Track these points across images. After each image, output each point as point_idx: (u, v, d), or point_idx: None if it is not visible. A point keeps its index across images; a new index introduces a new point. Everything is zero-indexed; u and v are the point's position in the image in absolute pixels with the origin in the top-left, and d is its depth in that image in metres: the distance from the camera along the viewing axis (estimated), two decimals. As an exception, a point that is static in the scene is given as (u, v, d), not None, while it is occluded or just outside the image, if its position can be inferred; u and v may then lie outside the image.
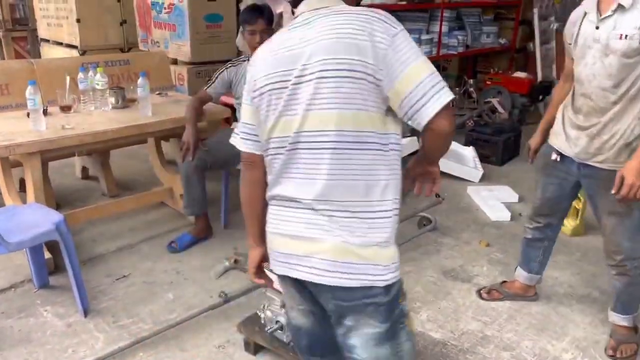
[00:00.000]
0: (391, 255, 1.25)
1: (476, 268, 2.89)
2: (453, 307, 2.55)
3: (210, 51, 4.60)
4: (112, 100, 3.10)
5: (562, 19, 6.04)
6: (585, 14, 1.94)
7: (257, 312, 2.17)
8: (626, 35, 1.79)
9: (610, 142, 1.94)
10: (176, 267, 2.86)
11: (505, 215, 3.47)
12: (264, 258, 1.48)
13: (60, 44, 5.08)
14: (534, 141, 2.36)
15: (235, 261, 2.85)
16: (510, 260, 2.96)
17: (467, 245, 3.13)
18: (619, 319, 2.25)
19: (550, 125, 2.24)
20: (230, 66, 3.03)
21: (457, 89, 5.80)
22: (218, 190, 3.35)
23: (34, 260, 2.57)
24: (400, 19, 4.60)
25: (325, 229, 1.23)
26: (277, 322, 2.04)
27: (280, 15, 3.91)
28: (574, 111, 2.05)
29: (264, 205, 1.39)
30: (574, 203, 3.27)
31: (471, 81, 5.88)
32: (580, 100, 1.99)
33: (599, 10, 1.88)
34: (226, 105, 3.45)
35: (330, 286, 1.24)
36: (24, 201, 3.07)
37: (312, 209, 1.24)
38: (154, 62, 4.04)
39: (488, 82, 5.43)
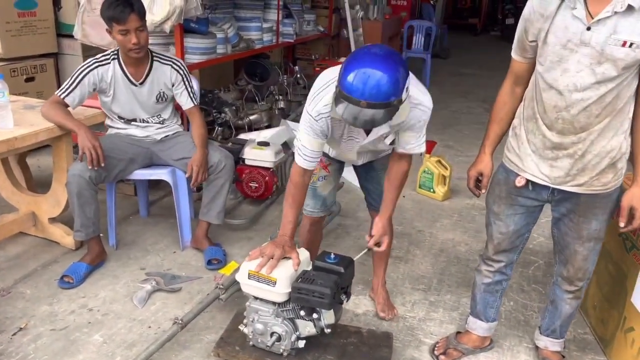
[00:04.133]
0: None
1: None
2: (390, 282, 2.69)
3: (25, 44, 3.89)
4: (-52, 112, 2.40)
5: (366, 7, 6.62)
6: (562, 3, 1.55)
7: (241, 328, 1.98)
8: (632, 44, 1.46)
9: (593, 162, 1.66)
10: (83, 303, 2.40)
11: (384, 191, 3.75)
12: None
13: None
14: (485, 167, 1.91)
15: (156, 282, 2.52)
16: (410, 230, 3.24)
17: (367, 223, 3.25)
18: (552, 344, 2.11)
19: (498, 143, 1.91)
20: (95, 66, 2.54)
21: (284, 76, 5.92)
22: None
23: None
24: (237, 7, 4.47)
25: None
26: (273, 333, 1.90)
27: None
28: (546, 126, 1.68)
29: None
30: (442, 171, 3.74)
31: (296, 68, 6.07)
32: (554, 113, 1.64)
33: (587, 5, 1.51)
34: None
35: None
36: None
37: None
38: (-39, 60, 3.23)
39: (317, 69, 5.67)
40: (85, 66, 2.54)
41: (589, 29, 1.51)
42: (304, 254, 1.98)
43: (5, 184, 2.89)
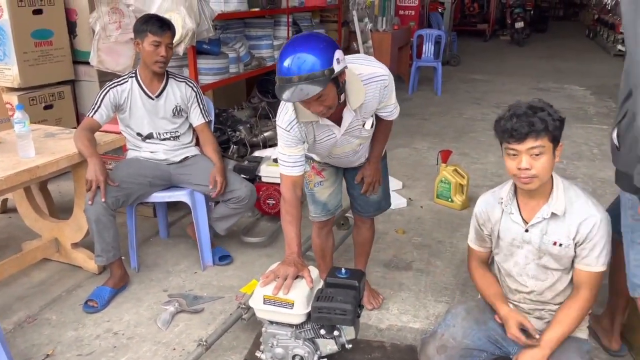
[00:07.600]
0: None
1: (408, 254, 3.08)
2: (413, 295, 2.68)
3: (43, 73, 3.96)
4: (-29, 143, 2.46)
5: (375, 19, 6.66)
6: (503, 210, 1.81)
7: (258, 354, 1.97)
8: (561, 244, 1.72)
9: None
10: (108, 327, 2.42)
11: (402, 202, 3.73)
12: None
13: None
14: (515, 316, 1.78)
15: (179, 303, 2.54)
16: (430, 242, 3.22)
17: (387, 236, 3.30)
18: None
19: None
20: (114, 86, 2.67)
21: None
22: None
23: None
24: (248, 26, 4.52)
25: None
26: (295, 356, 1.89)
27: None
28: (512, 297, 1.90)
29: None
30: (459, 180, 3.72)
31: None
32: (515, 294, 1.88)
33: (520, 210, 1.78)
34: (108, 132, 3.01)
35: None
36: None
37: None
38: (-19, 91, 3.31)
39: (328, 82, 5.71)
40: (106, 87, 2.69)
41: (527, 230, 1.77)
42: (314, 271, 1.96)
43: (28, 212, 2.94)
